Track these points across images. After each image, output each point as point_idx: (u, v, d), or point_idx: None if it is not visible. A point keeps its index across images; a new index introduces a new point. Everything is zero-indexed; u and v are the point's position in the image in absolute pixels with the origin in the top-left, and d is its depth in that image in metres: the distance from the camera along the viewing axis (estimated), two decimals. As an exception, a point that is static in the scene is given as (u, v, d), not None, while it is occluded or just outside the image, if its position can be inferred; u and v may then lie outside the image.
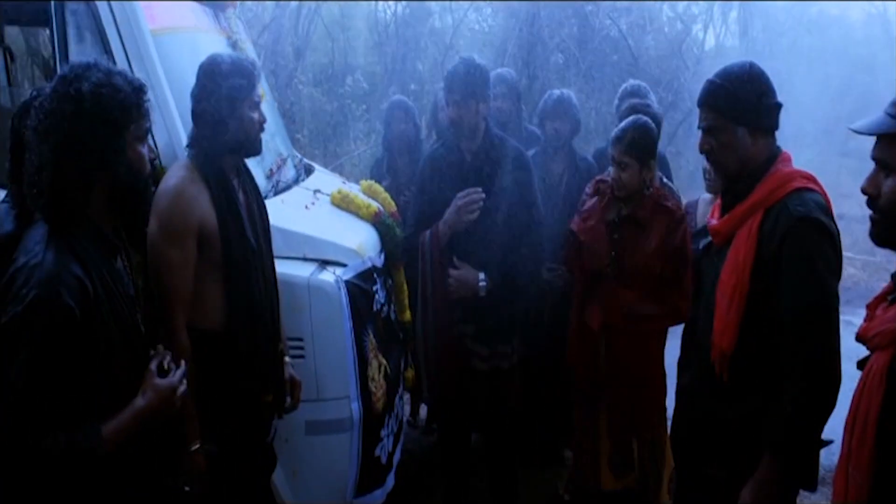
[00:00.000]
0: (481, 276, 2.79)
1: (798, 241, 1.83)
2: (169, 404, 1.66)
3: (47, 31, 2.43)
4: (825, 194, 1.94)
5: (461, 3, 10.46)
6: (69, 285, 1.48)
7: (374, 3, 10.70)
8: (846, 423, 1.56)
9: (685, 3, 10.32)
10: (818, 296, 1.82)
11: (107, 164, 1.58)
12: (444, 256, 2.82)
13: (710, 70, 2.07)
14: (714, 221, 2.12)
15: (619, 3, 9.29)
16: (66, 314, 1.47)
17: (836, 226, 1.88)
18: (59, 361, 1.47)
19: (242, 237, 2.17)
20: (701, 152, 2.07)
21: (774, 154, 1.99)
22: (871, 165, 1.53)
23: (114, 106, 1.56)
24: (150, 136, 1.74)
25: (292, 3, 9.00)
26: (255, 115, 2.19)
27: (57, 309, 1.46)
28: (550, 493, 3.44)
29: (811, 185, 1.92)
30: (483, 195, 2.77)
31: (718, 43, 11.21)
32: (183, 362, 1.76)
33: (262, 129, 2.24)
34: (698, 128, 2.03)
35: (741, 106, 1.94)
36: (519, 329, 3.00)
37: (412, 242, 2.94)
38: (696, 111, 2.05)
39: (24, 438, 1.45)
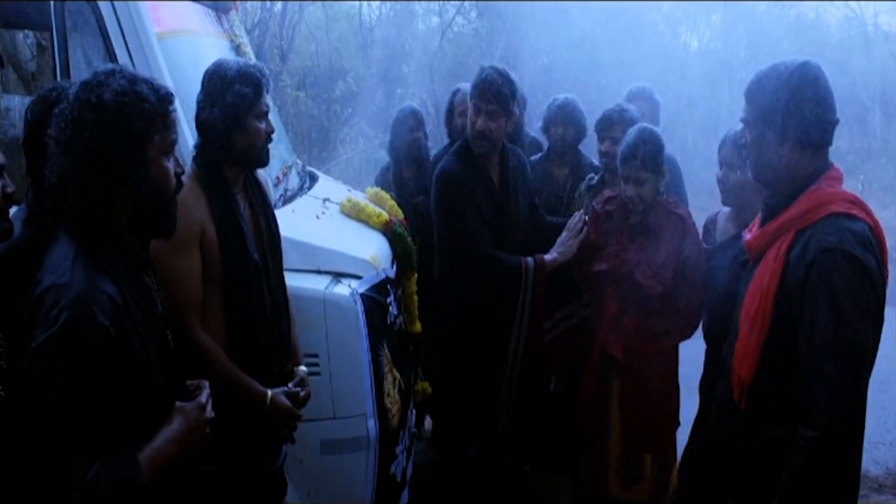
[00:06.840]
0: None
1: (823, 273, 1.63)
2: (200, 425, 1.56)
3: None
4: (874, 222, 1.72)
5: (446, 5, 10.38)
6: (102, 304, 1.37)
7: (356, 4, 10.58)
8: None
9: (669, 4, 10.35)
10: (840, 337, 1.61)
11: (129, 177, 1.47)
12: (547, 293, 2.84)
13: (695, 72, 2.00)
14: (749, 235, 1.93)
15: (605, 5, 9.29)
16: (101, 335, 1.36)
17: (877, 259, 1.66)
18: (97, 386, 1.36)
19: (244, 252, 2.05)
20: (739, 145, 1.98)
21: (820, 170, 1.77)
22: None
23: (136, 116, 1.44)
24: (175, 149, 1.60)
25: (277, 4, 8.85)
26: (263, 126, 2.09)
27: (92, 330, 1.35)
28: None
29: (853, 211, 1.70)
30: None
31: (702, 45, 11.29)
32: (206, 385, 1.65)
33: (269, 140, 2.13)
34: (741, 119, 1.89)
35: (772, 107, 1.74)
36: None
37: (486, 259, 2.81)
38: (681, 113, 1.96)
39: (63, 474, 1.32)
